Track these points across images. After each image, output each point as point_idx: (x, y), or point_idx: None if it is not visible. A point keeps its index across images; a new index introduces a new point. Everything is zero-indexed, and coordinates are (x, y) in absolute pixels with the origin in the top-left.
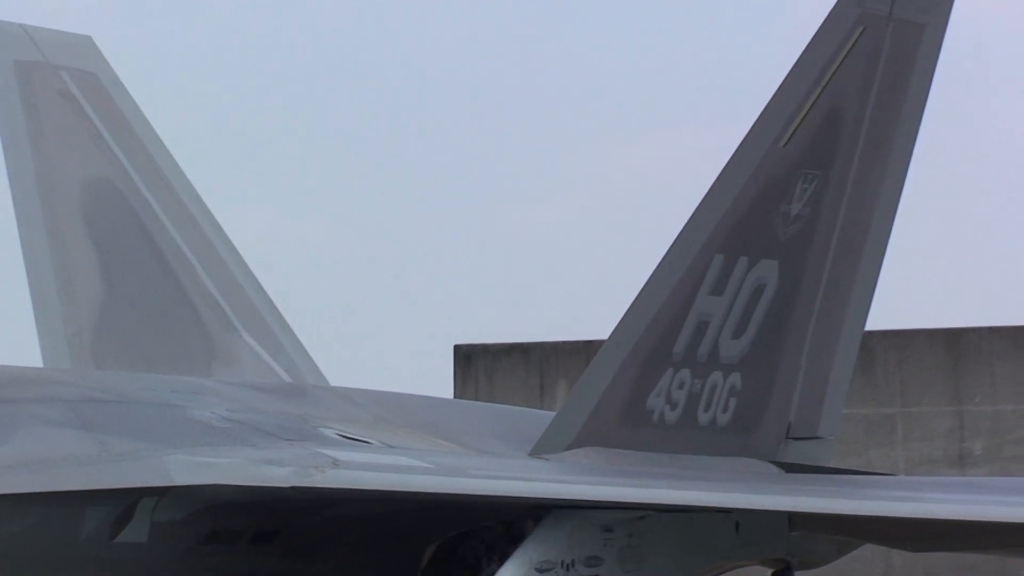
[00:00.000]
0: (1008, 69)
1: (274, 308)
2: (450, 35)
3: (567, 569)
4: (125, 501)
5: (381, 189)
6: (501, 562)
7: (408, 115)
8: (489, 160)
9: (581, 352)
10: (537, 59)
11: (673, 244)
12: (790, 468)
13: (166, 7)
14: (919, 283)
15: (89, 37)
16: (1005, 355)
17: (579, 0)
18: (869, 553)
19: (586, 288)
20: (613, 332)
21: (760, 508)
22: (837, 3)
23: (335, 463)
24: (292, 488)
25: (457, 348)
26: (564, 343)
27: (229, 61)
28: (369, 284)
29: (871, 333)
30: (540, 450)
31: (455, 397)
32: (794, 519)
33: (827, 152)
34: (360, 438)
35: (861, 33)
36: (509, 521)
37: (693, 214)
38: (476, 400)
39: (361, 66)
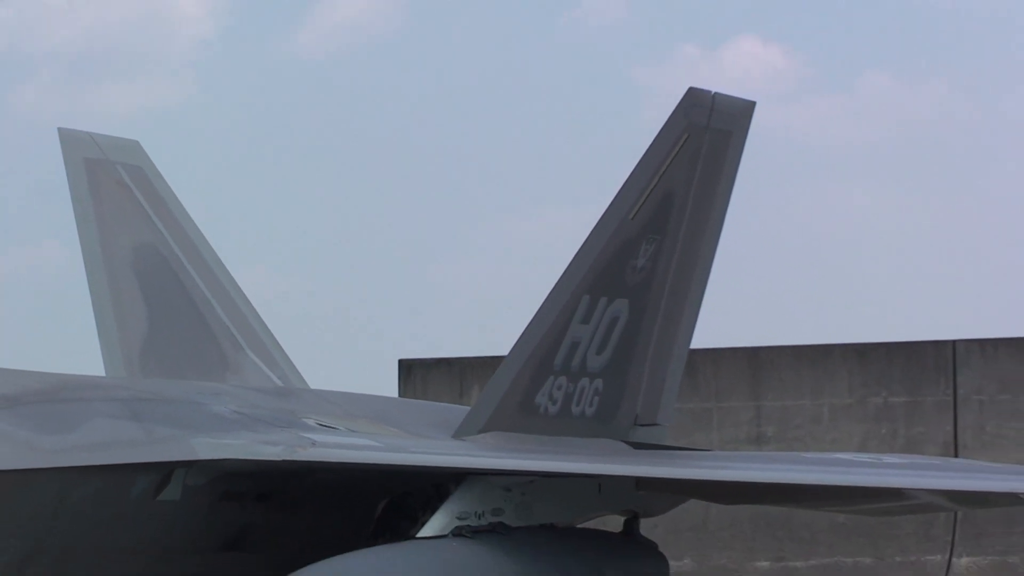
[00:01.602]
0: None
1: (270, 333)
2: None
3: (479, 517)
4: (164, 471)
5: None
6: (433, 512)
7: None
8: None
9: (488, 364)
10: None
11: (554, 287)
12: (637, 446)
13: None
14: (728, 312)
15: (137, 141)
16: (789, 366)
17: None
18: (693, 505)
19: (491, 318)
20: (511, 350)
21: (613, 474)
22: (670, 117)
23: (313, 443)
24: (283, 460)
25: (401, 361)
26: (476, 358)
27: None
28: (333, 313)
29: (695, 350)
30: (459, 434)
31: (400, 396)
32: (639, 482)
33: (663, 223)
34: (331, 425)
35: (687, 139)
36: (438, 484)
37: (568, 266)
38: (415, 399)
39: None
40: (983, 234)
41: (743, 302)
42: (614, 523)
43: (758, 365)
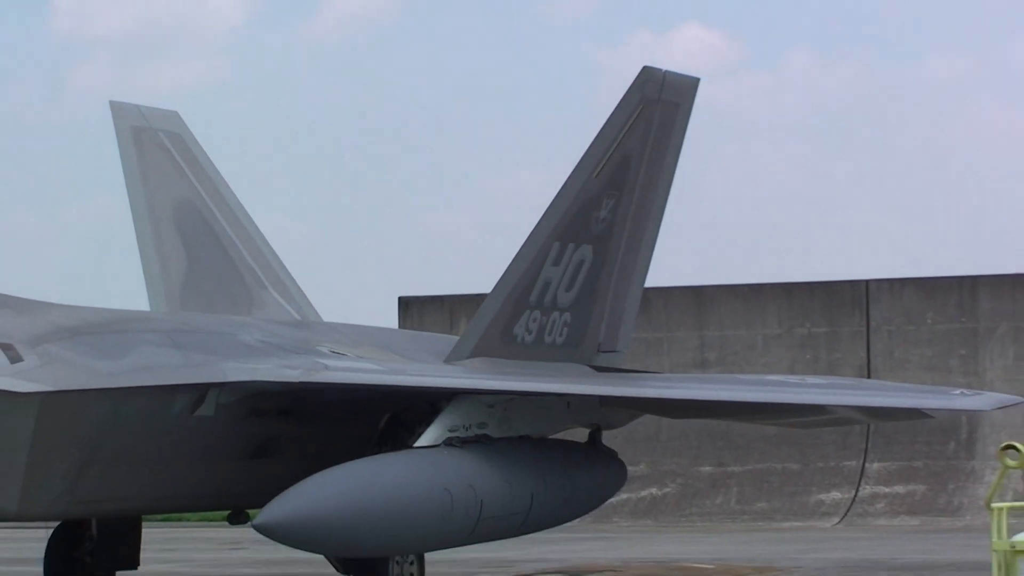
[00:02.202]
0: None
1: (288, 273)
2: None
3: (466, 430)
4: (199, 391)
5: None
6: (427, 426)
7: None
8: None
9: (474, 301)
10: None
11: (529, 235)
12: (600, 369)
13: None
14: (676, 256)
15: (176, 111)
16: (728, 302)
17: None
18: (647, 419)
19: (476, 261)
20: (493, 289)
21: (580, 394)
22: (627, 91)
23: (326, 367)
24: (301, 382)
25: (400, 298)
26: (464, 295)
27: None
28: (343, 256)
29: (648, 288)
30: (450, 359)
31: (399, 328)
32: (602, 400)
33: (621, 181)
34: (342, 352)
35: (641, 110)
36: (432, 401)
37: (541, 217)
38: (412, 330)
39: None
40: (890, 188)
41: (689, 247)
42: (580, 435)
43: (701, 301)
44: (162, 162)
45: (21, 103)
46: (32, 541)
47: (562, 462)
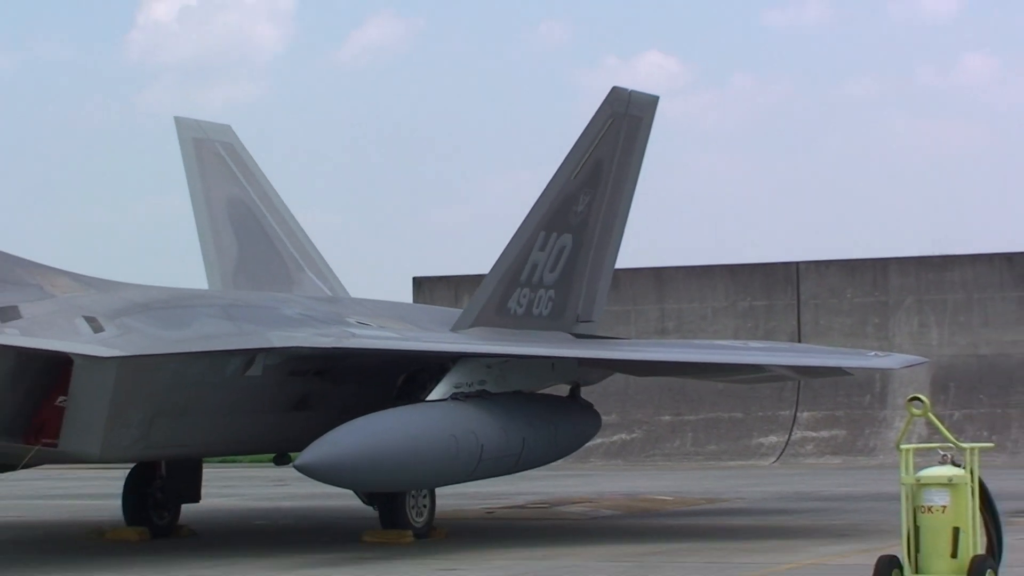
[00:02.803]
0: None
1: (322, 257)
2: None
3: (469, 386)
4: (250, 355)
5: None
6: (437, 383)
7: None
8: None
9: (476, 280)
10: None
11: (520, 225)
12: (579, 336)
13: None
14: (641, 243)
15: (228, 125)
16: (683, 280)
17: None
18: (617, 377)
19: (476, 247)
20: (490, 270)
21: (563, 356)
22: (599, 107)
23: (353, 335)
24: (332, 347)
25: (414, 278)
26: (467, 275)
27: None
28: (367, 244)
29: (618, 269)
30: (455, 328)
31: (413, 302)
32: (581, 361)
33: (595, 181)
34: (366, 323)
35: (611, 122)
36: (440, 363)
37: (529, 211)
38: (424, 304)
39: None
40: (816, 185)
41: (651, 235)
42: (562, 390)
43: (661, 280)
44: (217, 167)
45: (100, 118)
46: (113, 479)
47: (548, 412)
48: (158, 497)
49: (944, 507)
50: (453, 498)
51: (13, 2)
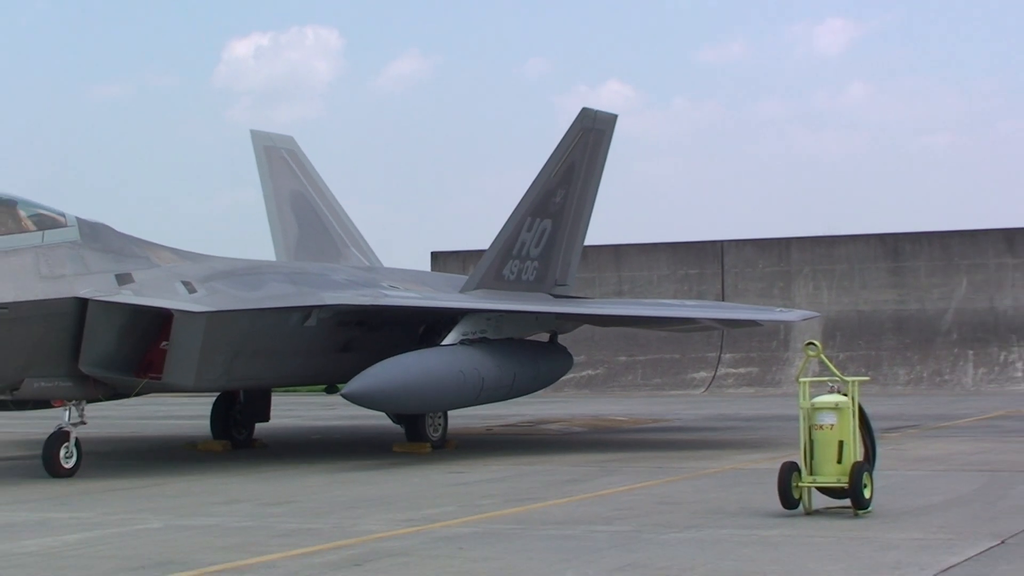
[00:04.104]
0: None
1: (363, 237)
2: None
3: (473, 334)
4: (307, 311)
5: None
6: (449, 332)
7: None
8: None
9: (479, 254)
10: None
11: (512, 213)
12: (556, 296)
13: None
14: (603, 226)
15: (291, 136)
16: (636, 254)
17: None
18: (586, 327)
19: (480, 228)
20: (489, 247)
21: (544, 311)
22: (572, 123)
23: (386, 295)
24: (370, 305)
25: (432, 252)
26: (473, 250)
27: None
28: (396, 226)
29: (586, 246)
30: (463, 290)
31: (431, 271)
32: (557, 316)
33: (569, 180)
34: (396, 286)
35: (582, 135)
36: (452, 316)
37: (519, 202)
38: (440, 272)
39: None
40: (737, 183)
41: (611, 220)
42: (543, 337)
43: (619, 254)
44: (282, 167)
45: (196, 130)
46: (202, 405)
47: (532, 354)
48: (237, 418)
49: (832, 425)
50: (461, 419)
51: (132, 42)
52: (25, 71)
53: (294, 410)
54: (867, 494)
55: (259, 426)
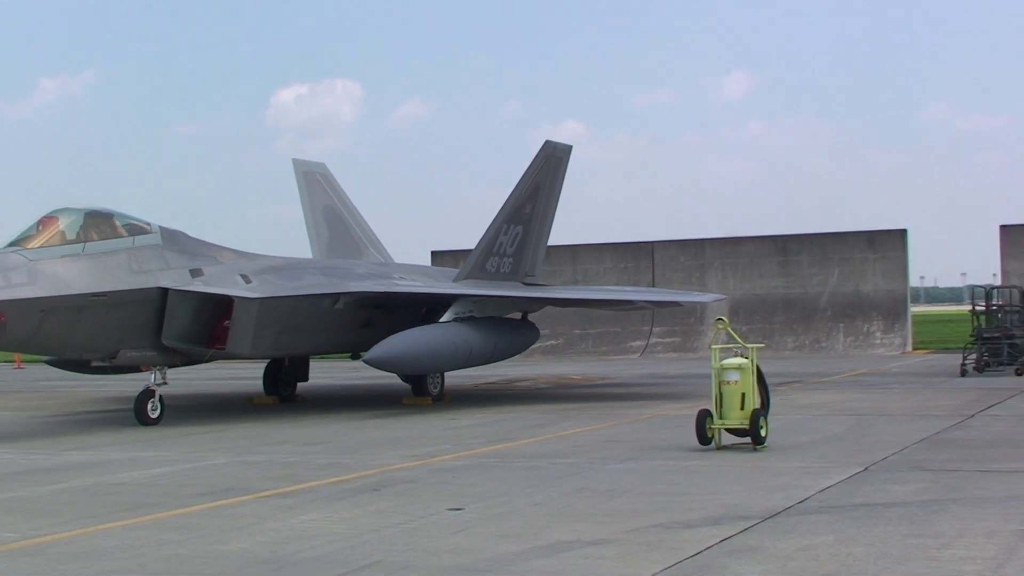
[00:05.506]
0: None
1: (379, 240)
2: None
3: (464, 314)
4: (336, 296)
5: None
6: (445, 312)
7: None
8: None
9: (468, 253)
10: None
11: (492, 221)
12: (526, 285)
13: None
14: (562, 232)
15: (324, 163)
16: (587, 253)
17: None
18: (550, 309)
19: (469, 232)
20: (476, 246)
21: (518, 296)
22: (539, 151)
23: (397, 285)
24: (385, 292)
25: (432, 251)
26: (463, 249)
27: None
28: (403, 231)
29: (550, 246)
30: (456, 280)
31: (432, 265)
32: (528, 300)
33: (536, 196)
34: (405, 278)
35: (545, 160)
36: (447, 300)
37: (498, 212)
38: (438, 266)
39: None
40: (664, 199)
41: (569, 226)
42: (517, 315)
43: (575, 252)
44: (317, 188)
45: (251, 159)
46: (256, 368)
47: (509, 329)
48: (283, 378)
49: (736, 381)
50: (455, 379)
51: (203, 92)
52: (128, 116)
53: (327, 372)
54: (763, 433)
55: (300, 384)
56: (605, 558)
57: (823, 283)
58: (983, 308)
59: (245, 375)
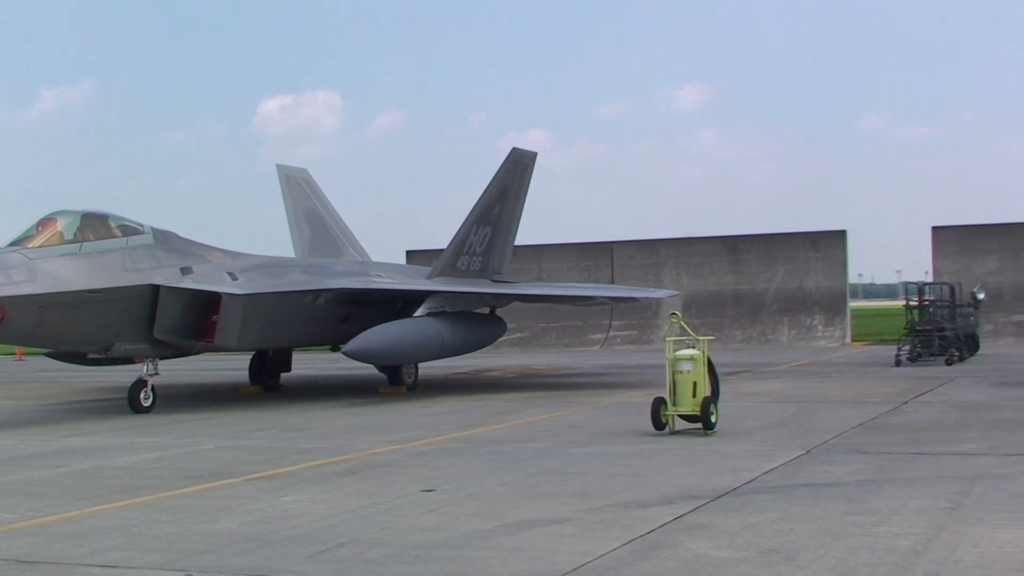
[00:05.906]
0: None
1: (356, 240)
2: None
3: (437, 309)
4: (317, 293)
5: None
6: (418, 307)
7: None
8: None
9: (440, 252)
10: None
11: (464, 222)
12: (494, 282)
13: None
14: (528, 232)
15: (306, 168)
16: (551, 252)
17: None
18: (516, 305)
19: (441, 232)
20: (447, 246)
21: (486, 292)
22: (507, 157)
23: (374, 282)
24: (362, 288)
25: (407, 250)
26: (436, 249)
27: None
28: (380, 230)
29: (516, 246)
30: (430, 277)
31: (407, 264)
32: (495, 296)
33: (503, 198)
34: (381, 275)
35: (512, 166)
36: (421, 296)
37: (469, 213)
38: (413, 265)
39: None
40: (623, 202)
41: (534, 227)
42: (486, 310)
43: (539, 252)
44: (299, 191)
45: (238, 165)
46: (242, 360)
47: (479, 322)
48: (268, 369)
49: (689, 371)
50: (428, 369)
51: (192, 101)
52: (120, 123)
53: (308, 363)
54: (713, 419)
55: (284, 375)
56: (566, 535)
57: (769, 280)
58: (916, 303)
59: (232, 366)
